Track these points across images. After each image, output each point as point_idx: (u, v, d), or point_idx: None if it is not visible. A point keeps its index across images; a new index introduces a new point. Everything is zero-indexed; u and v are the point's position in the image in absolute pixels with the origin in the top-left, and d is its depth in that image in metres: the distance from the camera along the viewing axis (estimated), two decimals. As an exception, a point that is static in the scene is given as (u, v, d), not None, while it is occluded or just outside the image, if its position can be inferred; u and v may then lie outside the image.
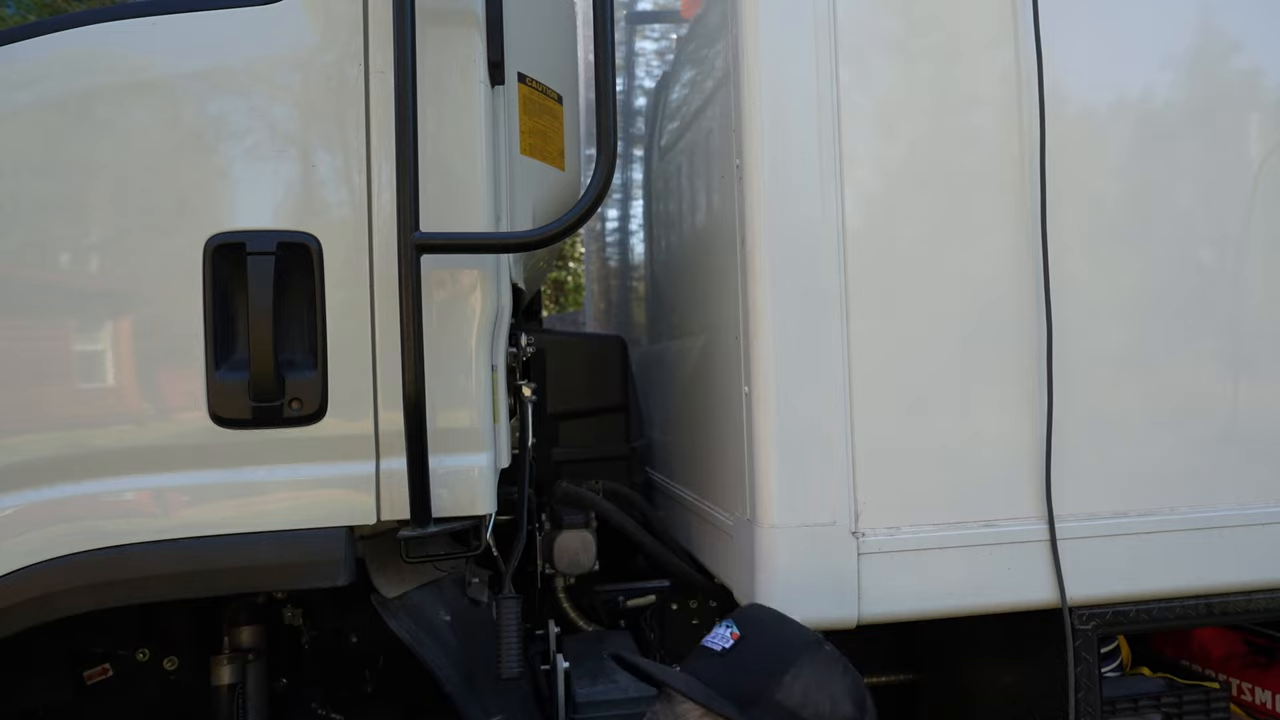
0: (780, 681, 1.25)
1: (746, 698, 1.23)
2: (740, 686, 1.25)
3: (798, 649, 1.30)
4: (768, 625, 1.36)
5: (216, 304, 1.49)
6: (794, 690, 1.25)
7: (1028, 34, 1.66)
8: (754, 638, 1.31)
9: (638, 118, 2.96)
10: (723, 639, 1.31)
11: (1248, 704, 1.96)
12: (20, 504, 1.46)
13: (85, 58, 1.52)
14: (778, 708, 1.23)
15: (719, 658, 1.30)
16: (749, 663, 1.28)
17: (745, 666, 1.27)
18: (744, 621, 1.33)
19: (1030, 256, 1.65)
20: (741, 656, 1.29)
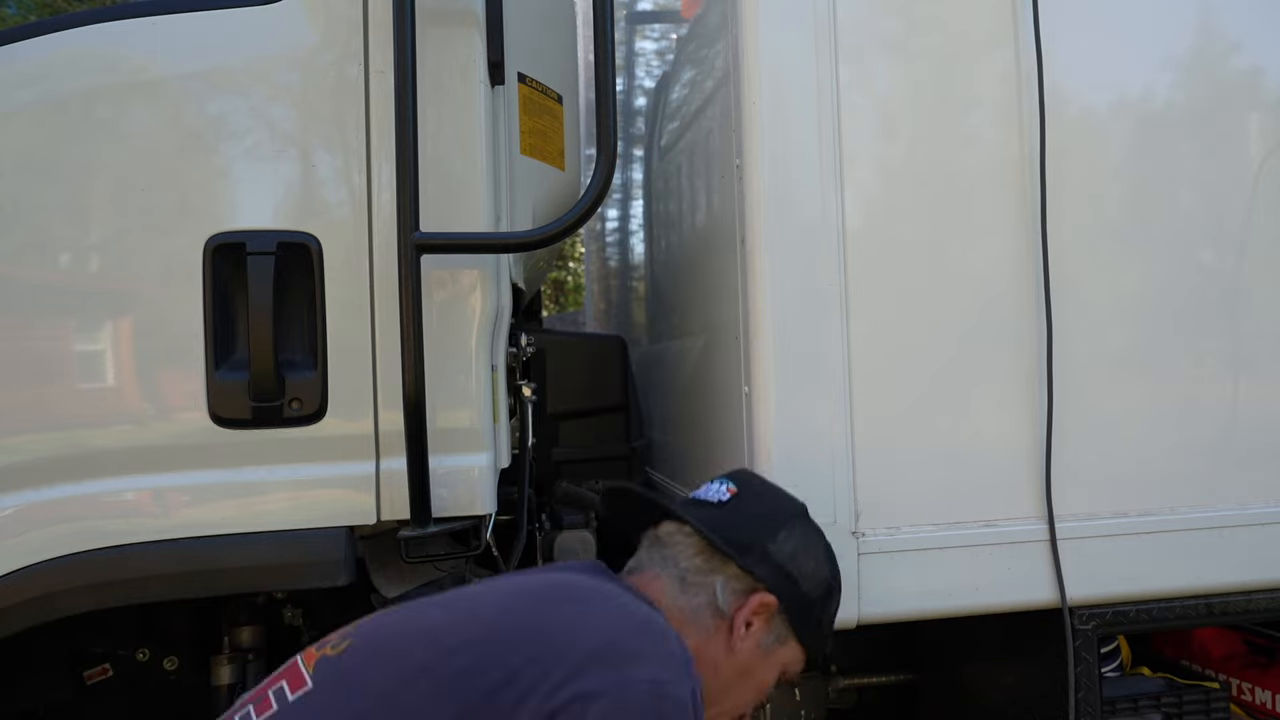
0: (775, 537, 1.31)
1: (742, 545, 1.28)
2: (738, 535, 1.29)
3: (790, 512, 1.37)
4: (760, 487, 1.42)
5: (216, 304, 1.49)
6: (785, 546, 1.31)
7: (1028, 34, 1.66)
8: (749, 495, 1.36)
9: (638, 118, 2.96)
10: (719, 493, 1.36)
11: (1248, 704, 1.96)
12: (20, 504, 1.46)
13: (85, 58, 1.52)
14: (769, 558, 1.28)
15: (717, 508, 1.33)
16: (745, 516, 1.32)
17: (741, 518, 1.32)
18: (738, 480, 1.38)
19: (1030, 256, 1.65)
20: (738, 509, 1.33)
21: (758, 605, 1.25)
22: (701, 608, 1.25)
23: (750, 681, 1.28)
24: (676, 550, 1.29)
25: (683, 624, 1.22)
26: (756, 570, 1.27)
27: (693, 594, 1.25)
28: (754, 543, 1.29)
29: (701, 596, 1.25)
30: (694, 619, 1.24)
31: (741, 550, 1.27)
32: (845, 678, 2.16)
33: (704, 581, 1.26)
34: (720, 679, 1.24)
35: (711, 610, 1.25)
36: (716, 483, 1.38)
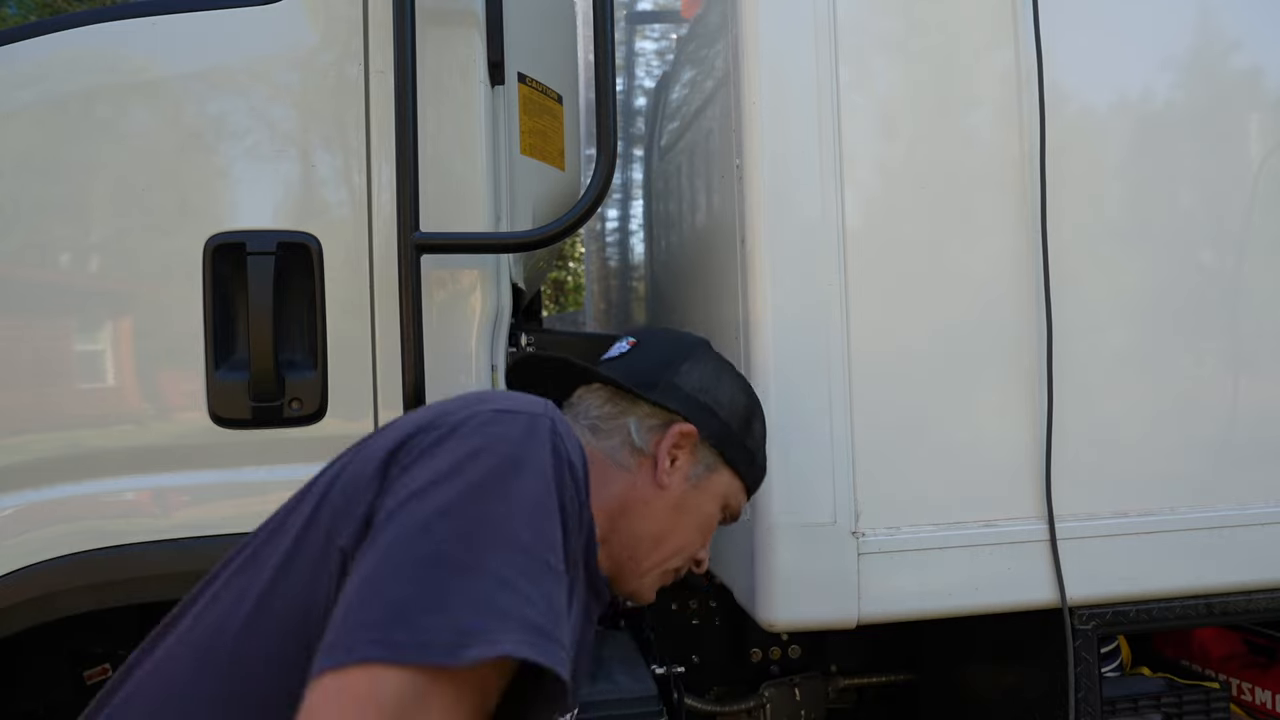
0: (678, 369, 1.27)
1: (647, 383, 1.25)
2: (642, 375, 1.26)
3: (691, 345, 1.34)
4: (662, 334, 1.40)
5: (216, 304, 1.49)
6: (691, 377, 1.28)
7: (1028, 34, 1.66)
8: (649, 342, 1.34)
9: (638, 118, 2.96)
10: (619, 348, 1.34)
11: (1248, 704, 1.96)
12: (20, 504, 1.46)
13: (85, 58, 1.52)
14: (678, 390, 1.25)
15: (619, 359, 1.31)
16: (647, 357, 1.30)
17: (644, 359, 1.29)
18: (639, 332, 1.37)
19: (1030, 256, 1.65)
20: (640, 354, 1.31)
21: (677, 436, 1.21)
22: (618, 447, 1.20)
23: (690, 517, 1.23)
24: (585, 405, 1.26)
25: (604, 468, 1.18)
26: (668, 403, 1.23)
27: (606, 437, 1.21)
28: (659, 379, 1.25)
29: (616, 437, 1.21)
30: (613, 460, 1.20)
31: (647, 387, 1.24)
32: (845, 678, 2.16)
33: (616, 424, 1.22)
34: (657, 519, 1.20)
35: (629, 449, 1.20)
36: (620, 341, 1.36)
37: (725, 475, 1.27)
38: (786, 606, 1.55)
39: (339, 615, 0.76)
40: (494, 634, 0.74)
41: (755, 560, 1.58)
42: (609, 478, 1.17)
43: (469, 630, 0.74)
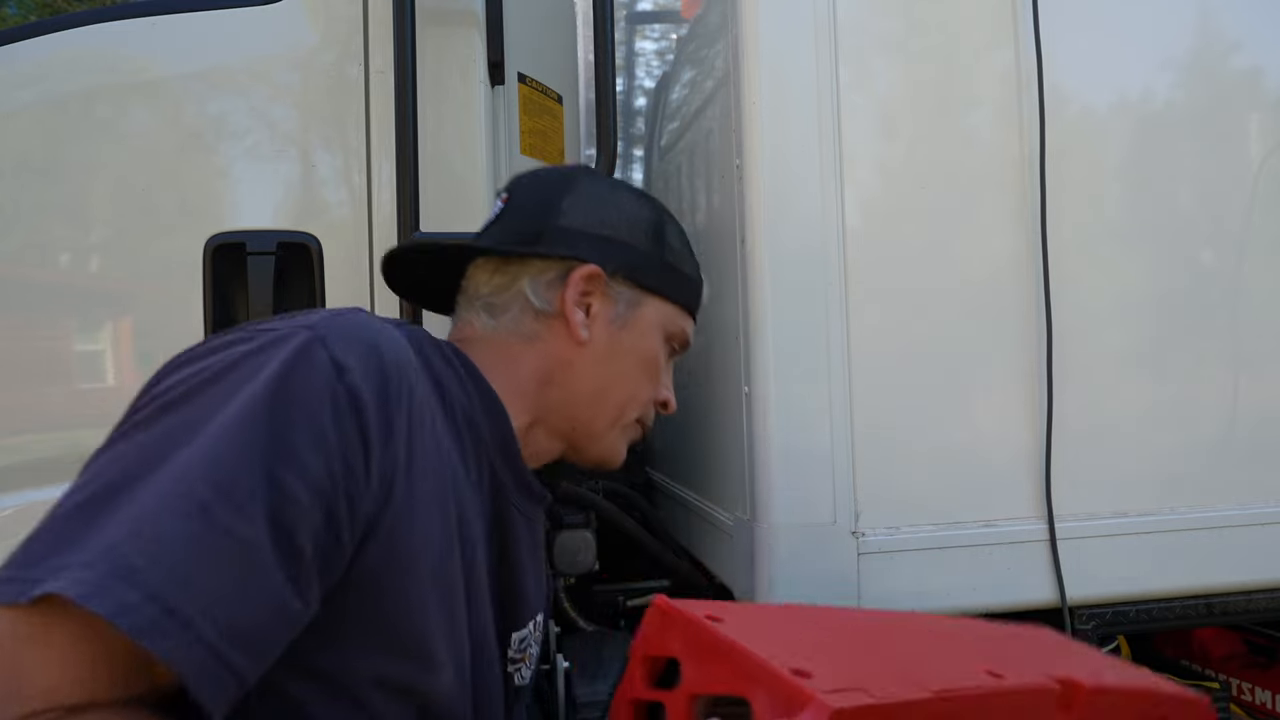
0: (559, 209, 1.09)
1: (529, 237, 1.07)
2: (520, 230, 1.08)
3: (567, 177, 1.14)
4: (530, 178, 1.18)
5: (216, 304, 1.49)
6: (576, 212, 1.09)
7: (1028, 35, 1.66)
8: (520, 191, 1.15)
9: (638, 118, 2.96)
10: (494, 210, 1.16)
11: (1248, 704, 1.96)
12: (21, 504, 1.46)
13: (85, 58, 1.52)
14: (563, 232, 1.07)
15: (494, 224, 1.12)
16: (522, 210, 1.11)
17: (520, 213, 1.11)
18: (509, 186, 1.17)
19: (1030, 256, 1.65)
20: (514, 209, 1.12)
21: (580, 282, 1.05)
22: (518, 318, 1.06)
23: (628, 362, 1.10)
24: (474, 285, 1.09)
25: (505, 348, 1.05)
26: (558, 251, 1.06)
27: (503, 311, 1.06)
28: (541, 227, 1.07)
29: (514, 307, 1.06)
30: (517, 334, 1.06)
31: (531, 240, 1.07)
32: (845, 678, 2.16)
33: (510, 294, 1.06)
34: (588, 376, 1.07)
35: (532, 315, 1.06)
36: (496, 201, 1.18)
37: (653, 304, 1.12)
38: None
39: None
40: (62, 573, 0.64)
41: (755, 560, 1.58)
42: (514, 356, 1.05)
43: (48, 567, 0.65)
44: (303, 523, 0.71)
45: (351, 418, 0.76)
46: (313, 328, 0.80)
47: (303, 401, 0.74)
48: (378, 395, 0.79)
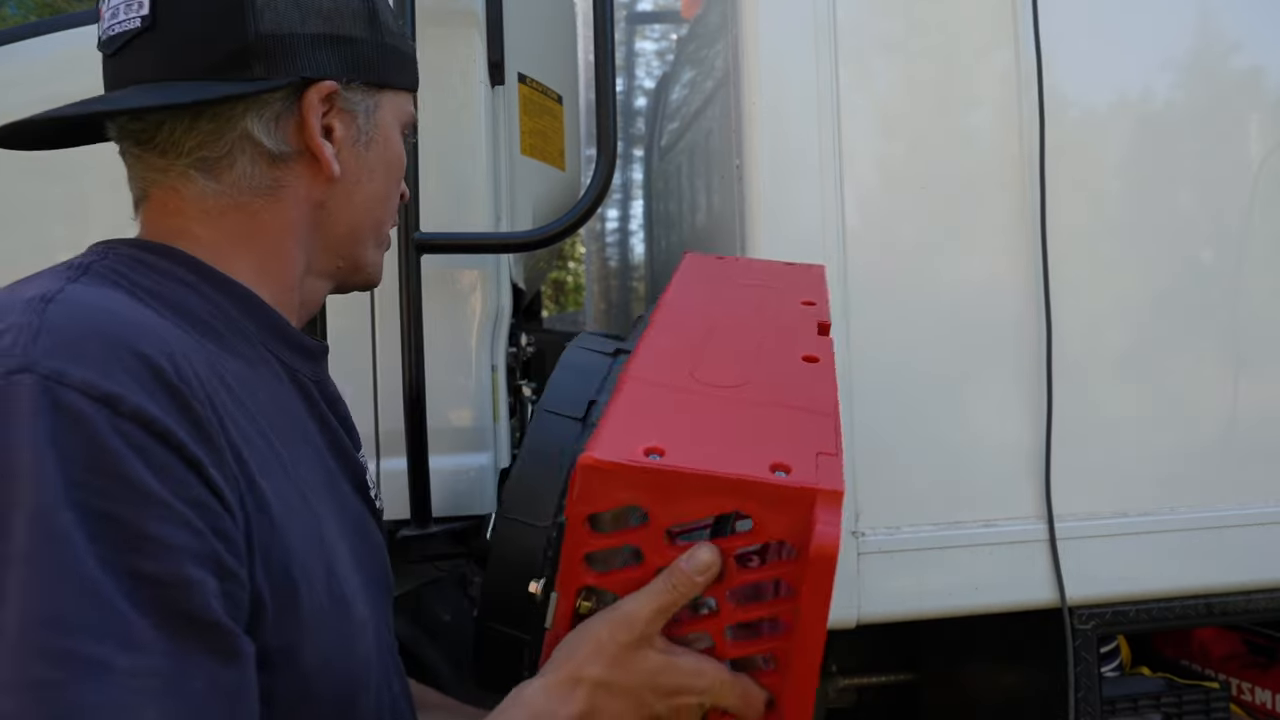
0: (252, 9, 0.77)
1: (222, 61, 0.77)
2: (198, 52, 0.78)
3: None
4: None
5: (216, 304, 1.49)
6: (275, 10, 0.78)
7: (1028, 35, 1.66)
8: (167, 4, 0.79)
9: (638, 118, 2.96)
10: (122, 24, 0.83)
11: (1248, 704, 1.96)
12: (20, 504, 1.46)
13: (85, 58, 1.52)
14: (274, 43, 0.78)
15: (136, 44, 0.80)
16: (189, 19, 0.78)
17: (186, 26, 0.78)
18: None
19: (1030, 256, 1.65)
20: (171, 19, 0.78)
21: (318, 105, 0.80)
22: (249, 171, 0.79)
23: (379, 177, 0.87)
24: (161, 144, 0.80)
25: (246, 209, 0.80)
26: (275, 76, 0.78)
27: (226, 168, 0.79)
28: (237, 40, 0.77)
29: (240, 159, 0.79)
30: (250, 188, 0.79)
31: (232, 65, 0.77)
32: (845, 678, 2.16)
33: (226, 141, 0.78)
34: (345, 210, 0.85)
35: (267, 162, 0.79)
36: (108, 11, 0.83)
37: (387, 101, 0.87)
38: (786, 606, 1.55)
39: None
40: None
41: (755, 560, 1.58)
42: (257, 218, 0.80)
43: None
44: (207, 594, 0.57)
45: (163, 452, 0.58)
46: (23, 362, 0.56)
47: (98, 474, 0.55)
48: (172, 407, 0.60)
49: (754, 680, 0.77)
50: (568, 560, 0.77)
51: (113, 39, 0.80)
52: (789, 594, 0.74)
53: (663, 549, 0.74)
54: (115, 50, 0.81)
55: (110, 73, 0.82)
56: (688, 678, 0.76)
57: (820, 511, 0.69)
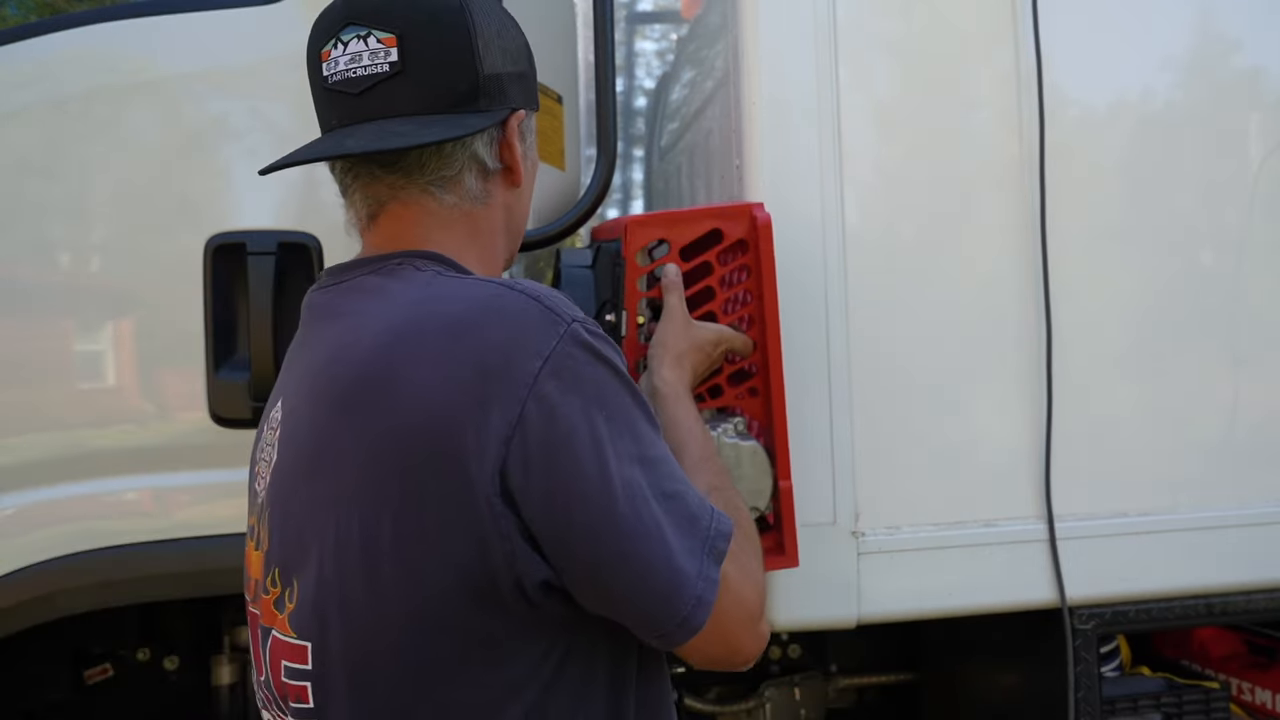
0: (477, 53, 0.93)
1: (462, 98, 0.93)
2: (448, 89, 0.93)
3: (458, 8, 0.94)
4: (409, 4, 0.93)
5: (217, 304, 1.49)
6: (490, 53, 0.95)
7: (1027, 35, 1.66)
8: (413, 33, 0.91)
9: (638, 118, 2.97)
10: (374, 66, 0.91)
11: (1248, 704, 1.96)
12: (21, 504, 1.46)
13: (85, 58, 1.52)
14: (494, 82, 0.95)
15: (389, 83, 0.91)
16: (434, 61, 0.92)
17: (434, 65, 0.92)
18: (382, 20, 0.91)
19: (1030, 256, 1.65)
20: (420, 60, 0.91)
21: (517, 130, 0.99)
22: (472, 185, 0.96)
23: (531, 177, 1.05)
24: (406, 166, 0.94)
25: (470, 218, 0.97)
26: (498, 106, 0.95)
27: (455, 183, 0.95)
28: (470, 80, 0.93)
29: (467, 176, 0.96)
30: (472, 199, 0.97)
31: (468, 102, 0.93)
32: (845, 678, 2.16)
33: (458, 161, 0.95)
34: (521, 213, 1.06)
35: (482, 178, 0.97)
36: (356, 43, 0.91)
37: (532, 118, 1.05)
38: (786, 606, 1.55)
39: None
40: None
41: (755, 560, 1.58)
42: (477, 225, 0.98)
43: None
44: None
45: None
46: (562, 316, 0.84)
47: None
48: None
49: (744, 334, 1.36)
50: (630, 287, 1.33)
51: (357, 80, 0.92)
52: (749, 282, 1.36)
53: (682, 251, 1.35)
54: (361, 90, 0.92)
55: (349, 108, 0.93)
56: (721, 334, 1.31)
57: (756, 211, 1.34)
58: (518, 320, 0.82)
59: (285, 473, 0.89)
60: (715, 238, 1.35)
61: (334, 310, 0.93)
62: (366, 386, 0.82)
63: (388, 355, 0.82)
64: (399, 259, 0.92)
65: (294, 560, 0.86)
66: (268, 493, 0.92)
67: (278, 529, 0.89)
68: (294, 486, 0.87)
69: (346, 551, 0.81)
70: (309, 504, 0.85)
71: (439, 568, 0.79)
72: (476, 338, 0.81)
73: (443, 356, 0.80)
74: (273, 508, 0.90)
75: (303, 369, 0.93)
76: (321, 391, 0.87)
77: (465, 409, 0.78)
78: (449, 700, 0.81)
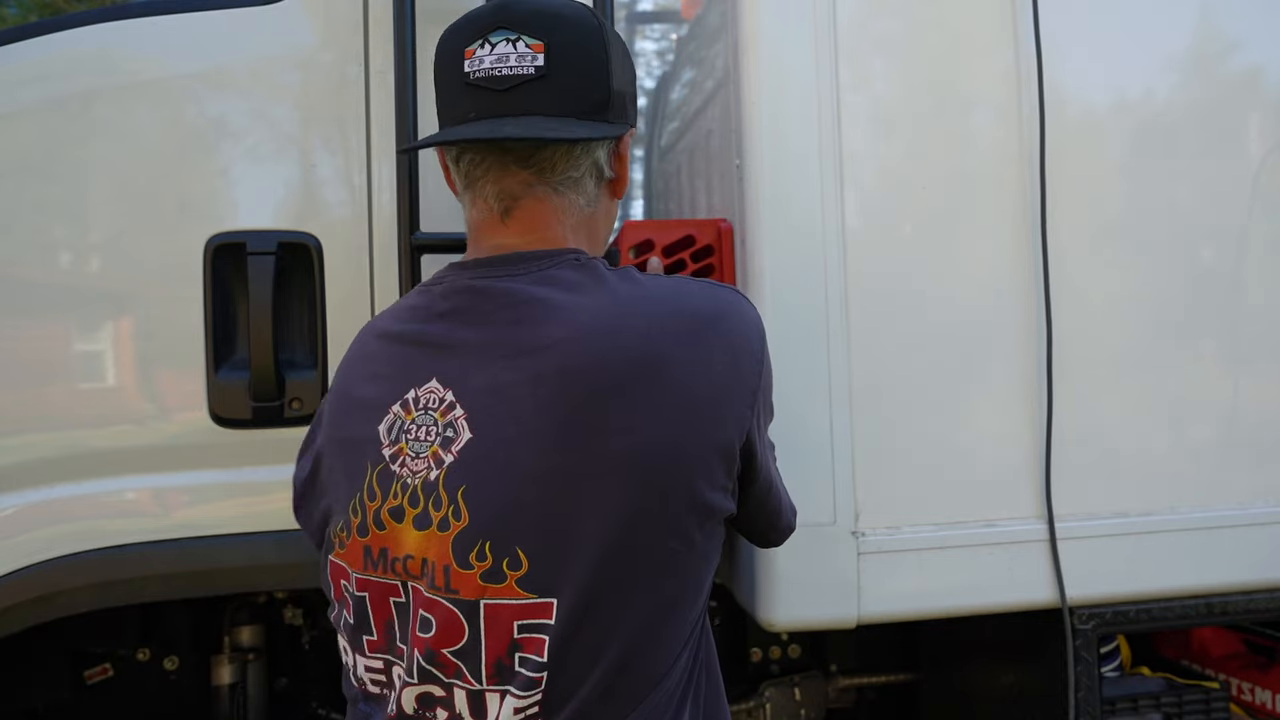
0: (610, 69, 1.04)
1: (593, 108, 1.02)
2: (586, 98, 1.02)
3: (596, 27, 1.04)
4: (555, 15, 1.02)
5: (217, 304, 1.49)
6: (619, 72, 1.06)
7: (1028, 35, 1.66)
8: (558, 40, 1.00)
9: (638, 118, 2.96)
10: (522, 62, 0.98)
11: (1248, 704, 1.96)
12: (20, 504, 1.46)
13: (85, 58, 1.52)
14: (621, 98, 1.06)
15: (533, 82, 0.99)
16: (575, 69, 1.01)
17: (574, 74, 1.01)
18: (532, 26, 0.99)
19: (1030, 256, 1.65)
20: (563, 64, 1.00)
21: (628, 144, 1.11)
22: (595, 190, 1.07)
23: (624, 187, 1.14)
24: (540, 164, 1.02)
25: (590, 219, 1.08)
26: (621, 121, 1.07)
27: (580, 186, 1.05)
28: (602, 92, 1.03)
29: (589, 180, 1.06)
30: (592, 204, 1.08)
31: (598, 111, 1.02)
32: (845, 677, 2.16)
33: (585, 166, 1.04)
34: (613, 216, 1.15)
35: (600, 183, 1.08)
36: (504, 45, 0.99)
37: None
38: (786, 606, 1.55)
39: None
40: None
41: (755, 560, 1.58)
42: (594, 227, 1.09)
43: None
44: None
45: None
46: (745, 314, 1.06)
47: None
48: None
49: None
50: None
51: (503, 78, 0.99)
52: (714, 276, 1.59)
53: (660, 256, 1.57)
54: (507, 88, 0.99)
55: (490, 102, 0.99)
56: None
57: (721, 224, 1.61)
58: (749, 316, 1.05)
59: (498, 449, 0.93)
60: (689, 241, 1.59)
61: (530, 297, 0.98)
62: (640, 368, 0.93)
63: (656, 341, 0.95)
64: (572, 255, 1.02)
65: (521, 530, 0.91)
66: (451, 473, 0.93)
67: (485, 503, 0.92)
68: (523, 461, 0.92)
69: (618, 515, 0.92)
70: (551, 475, 0.92)
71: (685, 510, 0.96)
72: (726, 327, 1.00)
73: (701, 344, 0.97)
74: (470, 484, 0.93)
75: (497, 350, 0.96)
76: (570, 371, 0.93)
77: (725, 386, 0.98)
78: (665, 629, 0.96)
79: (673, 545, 0.95)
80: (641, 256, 1.58)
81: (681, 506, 0.95)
